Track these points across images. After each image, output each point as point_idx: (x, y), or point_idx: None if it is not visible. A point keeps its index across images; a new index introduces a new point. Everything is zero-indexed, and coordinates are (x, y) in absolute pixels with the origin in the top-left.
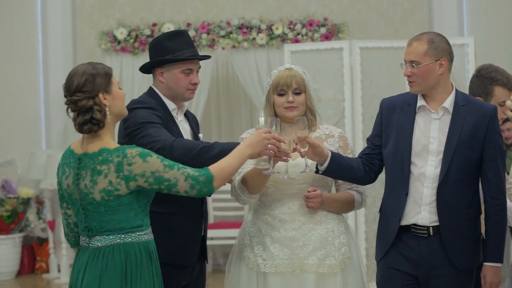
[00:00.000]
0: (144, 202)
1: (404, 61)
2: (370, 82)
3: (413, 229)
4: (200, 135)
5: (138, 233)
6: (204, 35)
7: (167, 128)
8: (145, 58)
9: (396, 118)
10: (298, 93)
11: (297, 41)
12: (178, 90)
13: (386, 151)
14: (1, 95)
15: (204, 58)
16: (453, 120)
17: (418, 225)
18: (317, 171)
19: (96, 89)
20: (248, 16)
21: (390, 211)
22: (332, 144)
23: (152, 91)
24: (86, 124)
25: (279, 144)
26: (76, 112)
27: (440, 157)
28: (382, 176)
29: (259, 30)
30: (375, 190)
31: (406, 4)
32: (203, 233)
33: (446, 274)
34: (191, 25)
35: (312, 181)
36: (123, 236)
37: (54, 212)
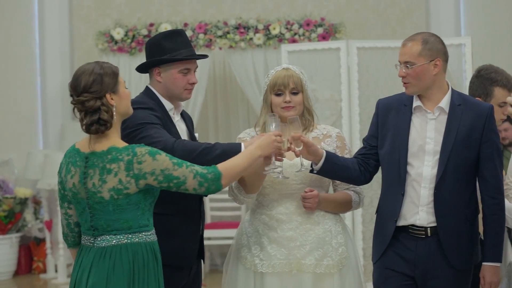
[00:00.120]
0: (150, 202)
1: (399, 62)
2: (367, 82)
3: (411, 230)
4: (196, 135)
5: (145, 233)
6: (201, 35)
7: (166, 129)
8: (142, 58)
9: (392, 119)
10: (296, 93)
11: (294, 41)
12: (176, 90)
13: (383, 152)
14: None
15: (202, 58)
16: (449, 120)
17: (416, 226)
18: (312, 171)
19: (104, 90)
20: (245, 16)
21: (387, 212)
22: (330, 144)
23: (149, 91)
24: (93, 125)
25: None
26: (83, 113)
27: (437, 157)
28: (379, 176)
29: (256, 30)
30: (372, 190)
31: (403, 4)
32: (201, 233)
33: (443, 275)
34: (188, 25)
35: (310, 182)
36: (130, 236)
37: (51, 212)
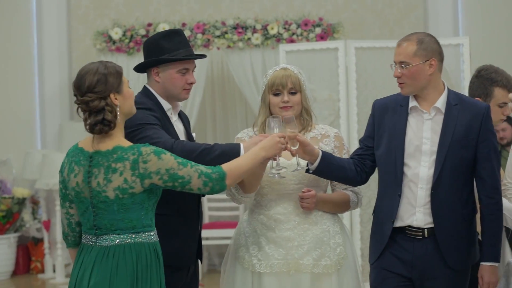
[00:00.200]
0: (153, 202)
1: (394, 62)
2: (365, 82)
3: (408, 231)
4: (194, 135)
5: (148, 233)
6: (199, 35)
7: (164, 129)
8: (140, 58)
9: (389, 119)
10: (294, 93)
11: (292, 41)
12: (174, 90)
13: (379, 153)
14: None
15: (200, 58)
16: (446, 120)
17: (413, 227)
18: (308, 170)
19: (108, 90)
20: (243, 16)
21: (384, 213)
22: (328, 144)
23: (147, 91)
24: (97, 125)
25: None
26: (87, 113)
27: (434, 158)
28: (377, 176)
29: (254, 30)
30: (371, 190)
31: (401, 4)
32: (199, 233)
33: (441, 275)
34: (186, 25)
35: (308, 182)
36: (134, 236)
37: (49, 212)
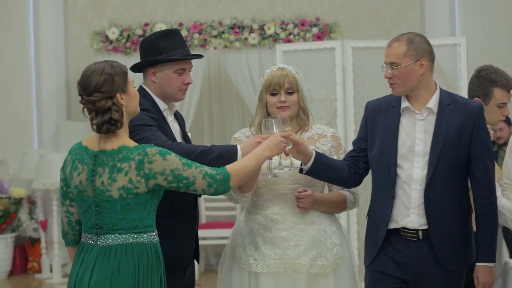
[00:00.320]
0: (156, 202)
1: (385, 63)
2: (362, 82)
3: (402, 233)
4: (189, 134)
5: (150, 234)
6: (196, 35)
7: (161, 129)
8: (137, 58)
9: (381, 121)
10: (291, 93)
11: (289, 41)
12: (171, 91)
13: (372, 154)
14: None
15: (197, 58)
16: (438, 120)
17: (408, 229)
18: (301, 171)
19: (115, 89)
20: (240, 16)
21: (378, 215)
22: (325, 144)
23: (144, 91)
24: (104, 125)
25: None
26: (94, 112)
27: (427, 158)
28: None
29: (251, 30)
30: (367, 190)
31: (398, 4)
32: (196, 234)
33: (435, 277)
34: (183, 25)
35: (304, 182)
36: (136, 236)
37: (46, 212)
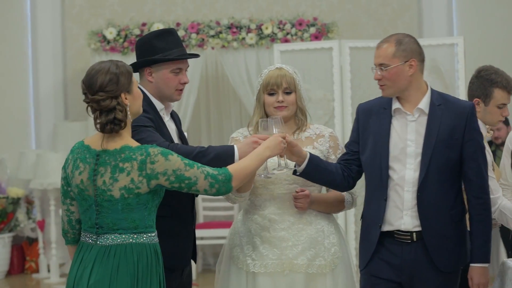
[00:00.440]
0: (156, 203)
1: (374, 65)
2: (360, 82)
3: (396, 235)
4: (185, 134)
5: (149, 234)
6: (194, 35)
7: (158, 130)
8: (135, 58)
9: (373, 123)
10: (289, 93)
11: (287, 41)
12: (167, 91)
13: (364, 157)
14: None
15: (194, 57)
16: (430, 121)
17: (401, 231)
18: (295, 172)
19: (120, 89)
20: (238, 16)
21: (371, 218)
22: (323, 144)
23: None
24: (108, 124)
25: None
26: (98, 112)
27: (419, 160)
28: None
29: (249, 30)
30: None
31: (395, 4)
32: (194, 234)
33: (430, 279)
34: (181, 25)
35: (302, 182)
36: (136, 236)
37: (44, 212)
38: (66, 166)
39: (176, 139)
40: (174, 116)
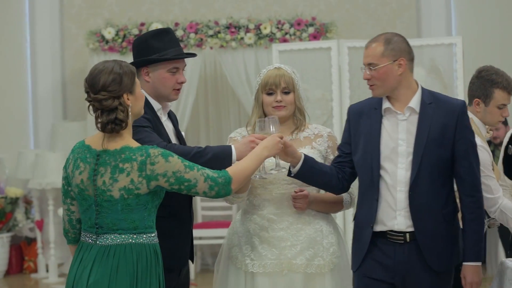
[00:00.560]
0: (156, 204)
1: (363, 65)
2: (358, 82)
3: (389, 236)
4: (183, 133)
5: (149, 235)
6: (192, 35)
7: (155, 130)
8: (133, 58)
9: (364, 124)
10: (287, 93)
11: (285, 41)
12: (164, 90)
13: (356, 158)
14: None
15: (191, 56)
16: (421, 120)
17: (394, 231)
18: (290, 174)
19: (122, 90)
20: (236, 16)
21: (363, 219)
22: (321, 144)
23: None
24: (109, 124)
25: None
26: (100, 111)
27: (410, 159)
28: None
29: (247, 30)
30: None
31: (394, 4)
32: (191, 234)
33: (423, 279)
34: (179, 25)
35: (301, 182)
36: (135, 237)
37: (42, 212)
38: (67, 166)
39: (174, 139)
40: (172, 116)
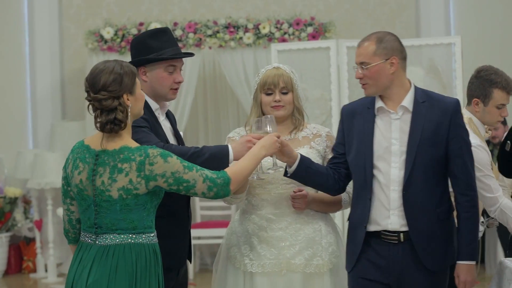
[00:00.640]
0: (155, 204)
1: (356, 64)
2: (357, 82)
3: (383, 236)
4: (181, 133)
5: (148, 235)
6: (191, 35)
7: (153, 130)
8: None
9: (357, 123)
10: (285, 93)
11: (284, 41)
12: (162, 90)
13: (350, 158)
14: None
15: (188, 56)
16: (414, 118)
17: (388, 231)
18: (286, 174)
19: (122, 90)
20: (235, 16)
21: (356, 219)
22: (320, 144)
23: None
24: (108, 124)
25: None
26: (99, 111)
27: (403, 158)
28: None
29: (246, 30)
30: None
31: (393, 4)
32: (189, 234)
33: (418, 278)
34: (178, 24)
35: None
36: (134, 236)
37: (41, 212)
38: (66, 166)
39: (172, 139)
40: (170, 116)
